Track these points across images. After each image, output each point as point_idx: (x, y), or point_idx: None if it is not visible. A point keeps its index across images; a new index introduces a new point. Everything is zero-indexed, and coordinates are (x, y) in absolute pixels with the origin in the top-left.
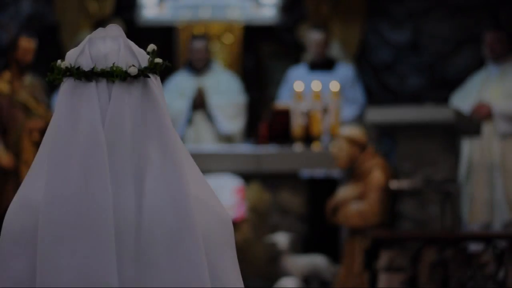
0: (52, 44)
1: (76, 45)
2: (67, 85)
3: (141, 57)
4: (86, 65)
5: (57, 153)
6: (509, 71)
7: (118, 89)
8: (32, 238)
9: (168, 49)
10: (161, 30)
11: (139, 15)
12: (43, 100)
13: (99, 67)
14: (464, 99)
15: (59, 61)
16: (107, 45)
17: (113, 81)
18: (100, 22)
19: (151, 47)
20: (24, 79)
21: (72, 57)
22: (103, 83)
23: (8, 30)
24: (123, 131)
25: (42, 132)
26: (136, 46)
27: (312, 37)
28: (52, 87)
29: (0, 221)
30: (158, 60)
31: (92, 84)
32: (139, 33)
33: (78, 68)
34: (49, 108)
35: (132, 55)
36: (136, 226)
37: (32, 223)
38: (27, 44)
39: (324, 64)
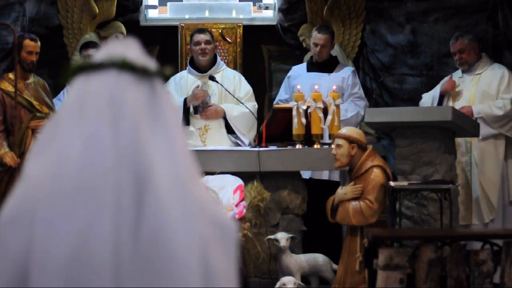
0: (56, 45)
1: (79, 46)
2: (78, 79)
3: (151, 64)
4: (98, 60)
5: (61, 133)
6: (482, 75)
7: (126, 78)
8: (30, 215)
9: (172, 49)
10: (165, 30)
11: (142, 15)
12: (47, 100)
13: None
14: (432, 100)
15: (73, 61)
16: (121, 49)
17: (122, 72)
18: (104, 23)
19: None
20: (28, 79)
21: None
22: (112, 72)
23: (13, 31)
24: (128, 115)
25: None
26: (147, 57)
27: (314, 37)
28: (55, 88)
29: None
30: (166, 70)
31: (102, 72)
32: (143, 33)
33: (90, 62)
34: (52, 108)
35: (143, 59)
36: (137, 198)
37: (31, 198)
38: (31, 45)
39: (324, 65)
